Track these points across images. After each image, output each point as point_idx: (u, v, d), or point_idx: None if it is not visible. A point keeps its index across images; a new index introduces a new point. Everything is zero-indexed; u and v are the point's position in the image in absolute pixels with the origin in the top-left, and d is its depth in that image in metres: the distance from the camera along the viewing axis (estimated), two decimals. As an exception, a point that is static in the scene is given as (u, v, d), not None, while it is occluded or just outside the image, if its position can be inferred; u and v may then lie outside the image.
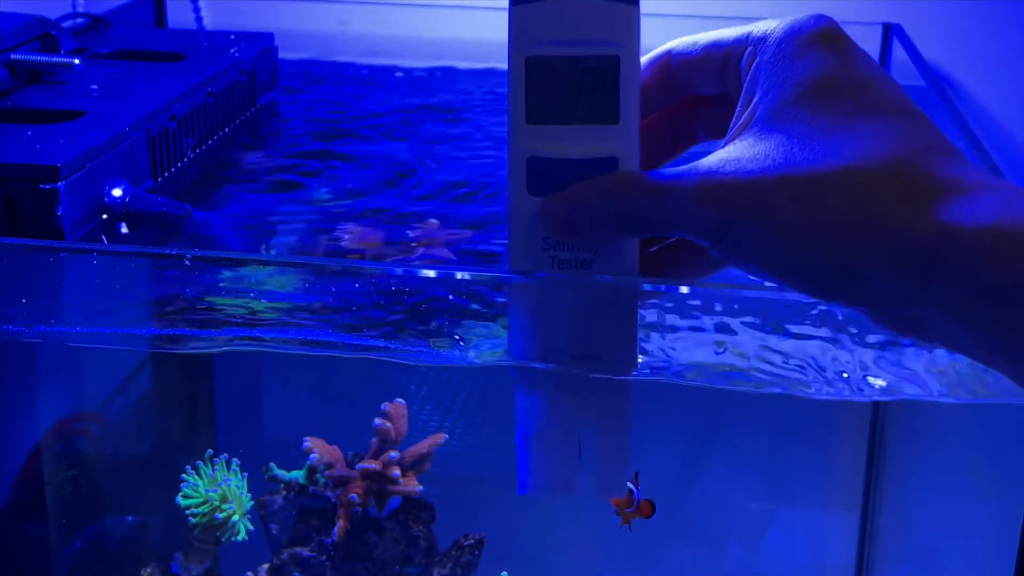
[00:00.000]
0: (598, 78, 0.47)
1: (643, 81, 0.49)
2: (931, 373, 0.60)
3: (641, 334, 0.61)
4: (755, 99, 0.45)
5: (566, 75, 0.47)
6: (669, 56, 0.49)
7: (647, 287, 0.51)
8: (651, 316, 0.61)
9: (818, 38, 0.44)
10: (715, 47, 0.47)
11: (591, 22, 0.46)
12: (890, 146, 0.41)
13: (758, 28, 0.46)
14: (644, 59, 0.49)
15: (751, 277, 0.45)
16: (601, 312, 0.50)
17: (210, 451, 0.92)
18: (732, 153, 0.43)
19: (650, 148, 0.49)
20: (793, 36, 0.44)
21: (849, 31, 0.46)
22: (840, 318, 0.55)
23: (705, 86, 0.49)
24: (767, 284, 0.45)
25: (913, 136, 0.42)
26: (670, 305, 0.60)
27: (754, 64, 0.45)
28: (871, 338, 0.57)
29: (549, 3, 0.46)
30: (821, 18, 0.45)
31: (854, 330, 0.58)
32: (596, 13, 0.46)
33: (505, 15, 0.47)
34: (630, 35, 0.47)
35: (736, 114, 0.46)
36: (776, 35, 0.45)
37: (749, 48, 0.46)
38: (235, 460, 0.93)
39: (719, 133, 0.49)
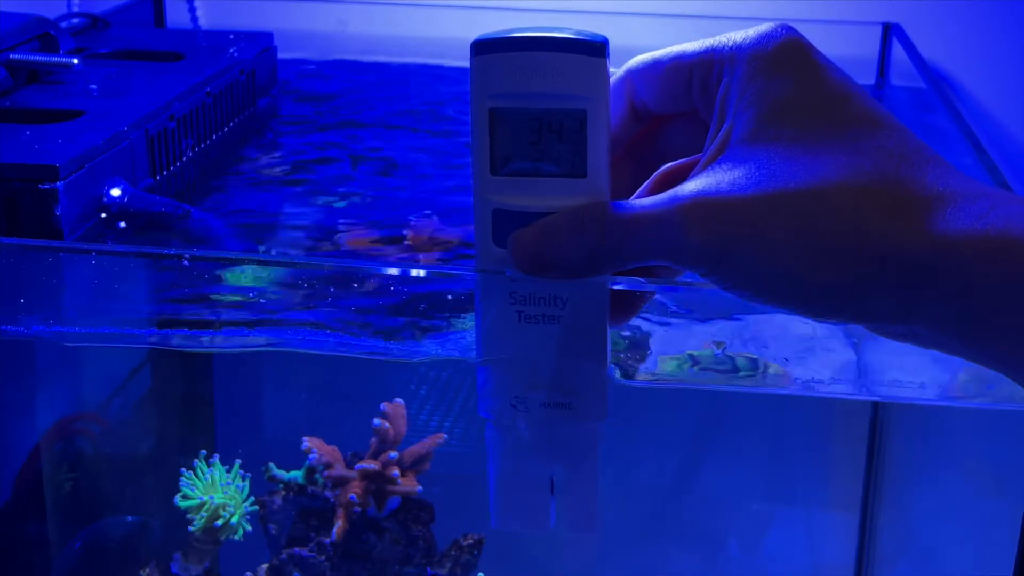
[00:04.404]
0: (564, 132, 0.45)
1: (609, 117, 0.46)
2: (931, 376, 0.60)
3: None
4: (728, 121, 0.43)
5: (531, 128, 0.46)
6: (631, 79, 0.47)
7: (642, 287, 0.50)
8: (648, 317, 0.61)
9: (787, 54, 0.43)
10: (678, 65, 0.46)
11: (557, 75, 0.45)
12: (873, 161, 0.41)
13: (722, 43, 0.45)
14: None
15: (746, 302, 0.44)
16: (571, 359, 0.48)
17: (203, 452, 0.91)
18: (713, 178, 0.42)
19: (617, 175, 0.48)
20: (761, 52, 0.43)
21: (849, 31, 0.46)
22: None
23: (670, 105, 0.47)
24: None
25: (894, 148, 0.41)
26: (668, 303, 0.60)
27: (724, 84, 0.44)
28: (871, 338, 0.57)
29: (513, 54, 0.45)
30: (787, 30, 0.44)
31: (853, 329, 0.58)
32: (562, 66, 0.45)
33: (505, 15, 0.46)
34: (598, 88, 0.45)
35: (709, 137, 0.44)
36: (744, 53, 0.44)
37: (716, 66, 0.44)
38: (237, 461, 0.92)
39: (685, 152, 0.48)
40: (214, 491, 0.91)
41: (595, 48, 0.45)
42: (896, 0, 1.15)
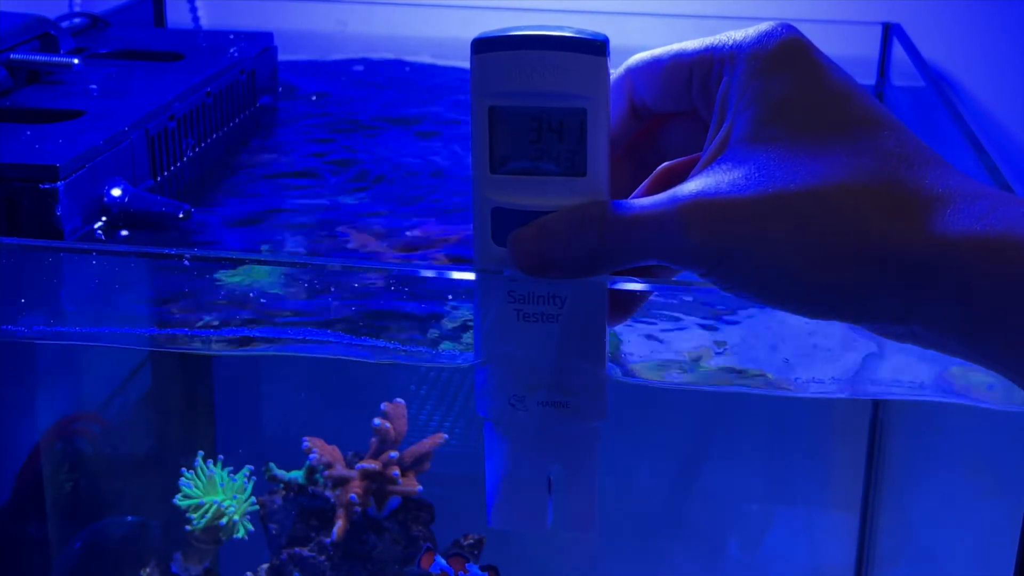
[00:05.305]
0: (564, 131, 0.45)
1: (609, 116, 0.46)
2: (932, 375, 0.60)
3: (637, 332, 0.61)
4: (728, 121, 0.43)
5: (531, 127, 0.46)
6: (630, 78, 0.47)
7: (641, 287, 0.50)
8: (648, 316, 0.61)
9: (788, 53, 0.43)
10: (678, 63, 0.45)
11: (557, 74, 0.45)
12: (872, 161, 0.41)
13: (722, 42, 0.44)
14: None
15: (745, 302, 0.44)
16: (569, 358, 0.48)
17: (201, 452, 0.91)
18: (713, 178, 0.42)
19: (617, 174, 0.48)
20: (761, 51, 0.43)
21: (849, 31, 0.45)
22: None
23: (670, 104, 0.47)
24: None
25: (894, 148, 0.41)
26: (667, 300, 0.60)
27: (724, 83, 0.44)
28: (870, 338, 0.57)
29: (513, 53, 0.45)
30: (787, 28, 0.44)
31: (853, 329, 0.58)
32: (562, 64, 0.45)
33: (505, 15, 0.46)
34: (598, 87, 0.45)
35: (709, 136, 0.44)
36: (744, 52, 0.43)
37: (716, 65, 0.44)
38: (249, 467, 0.92)
39: (685, 151, 0.48)
40: (215, 491, 0.91)
41: (595, 47, 0.45)
42: (896, 0, 1.15)
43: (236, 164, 0.89)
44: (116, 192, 0.74)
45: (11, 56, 0.84)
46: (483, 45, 0.45)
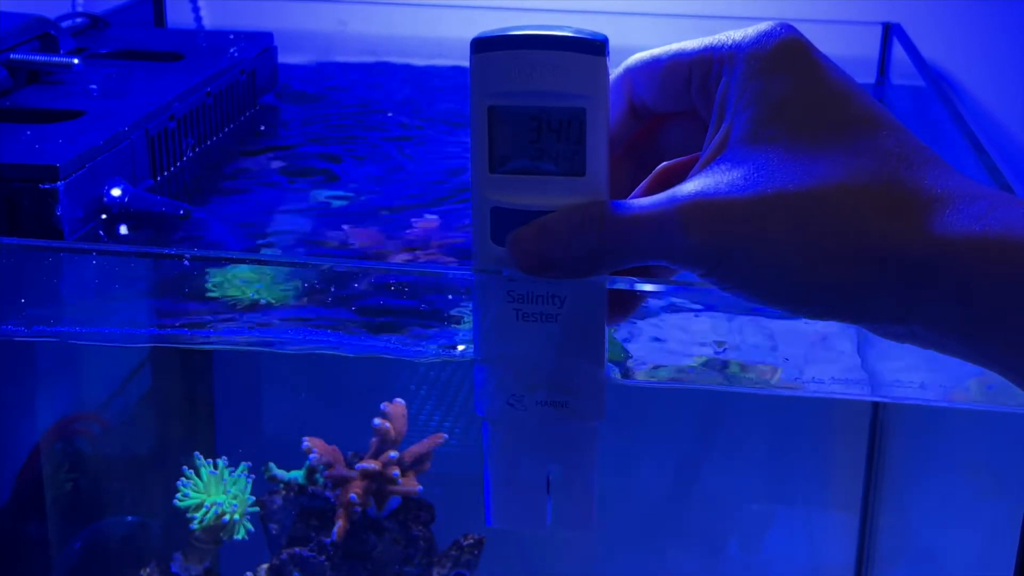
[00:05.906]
0: (563, 130, 0.46)
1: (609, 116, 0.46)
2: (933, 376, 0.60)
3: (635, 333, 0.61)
4: (728, 120, 0.43)
5: (530, 126, 0.46)
6: (630, 78, 0.47)
7: (641, 287, 0.50)
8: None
9: (787, 53, 0.43)
10: (677, 63, 0.46)
11: (556, 73, 0.45)
12: (872, 161, 0.41)
13: (721, 42, 0.44)
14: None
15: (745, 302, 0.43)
16: (568, 358, 0.48)
17: (197, 453, 0.91)
18: (712, 178, 0.42)
19: (616, 174, 0.48)
20: (760, 51, 0.43)
21: (849, 31, 0.45)
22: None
23: (669, 104, 0.47)
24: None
25: (893, 148, 0.41)
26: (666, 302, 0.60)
27: (723, 83, 0.44)
28: (872, 338, 0.57)
29: (513, 53, 0.45)
30: (786, 29, 0.44)
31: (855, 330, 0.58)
32: (562, 64, 0.45)
33: (505, 15, 0.46)
34: (597, 87, 0.45)
35: (708, 136, 0.44)
36: (743, 51, 0.43)
37: (715, 65, 0.44)
38: (247, 464, 0.92)
39: (684, 151, 0.48)
40: (215, 491, 0.91)
41: (595, 47, 0.45)
42: (896, 0, 1.15)
43: (236, 164, 0.89)
44: (116, 192, 0.74)
45: (11, 56, 0.84)
46: (483, 45, 0.45)
